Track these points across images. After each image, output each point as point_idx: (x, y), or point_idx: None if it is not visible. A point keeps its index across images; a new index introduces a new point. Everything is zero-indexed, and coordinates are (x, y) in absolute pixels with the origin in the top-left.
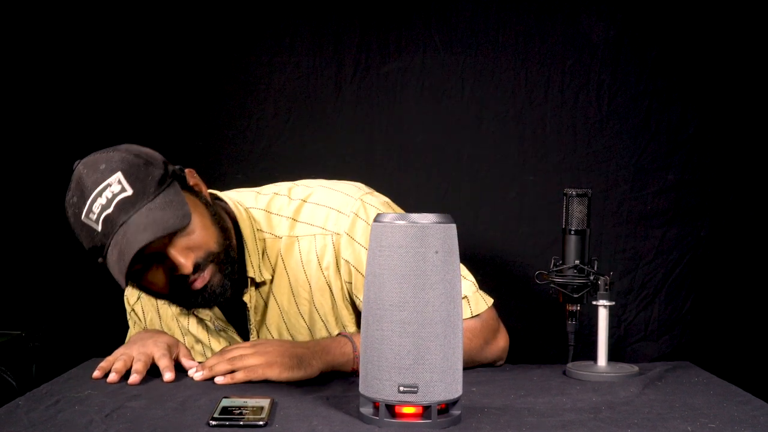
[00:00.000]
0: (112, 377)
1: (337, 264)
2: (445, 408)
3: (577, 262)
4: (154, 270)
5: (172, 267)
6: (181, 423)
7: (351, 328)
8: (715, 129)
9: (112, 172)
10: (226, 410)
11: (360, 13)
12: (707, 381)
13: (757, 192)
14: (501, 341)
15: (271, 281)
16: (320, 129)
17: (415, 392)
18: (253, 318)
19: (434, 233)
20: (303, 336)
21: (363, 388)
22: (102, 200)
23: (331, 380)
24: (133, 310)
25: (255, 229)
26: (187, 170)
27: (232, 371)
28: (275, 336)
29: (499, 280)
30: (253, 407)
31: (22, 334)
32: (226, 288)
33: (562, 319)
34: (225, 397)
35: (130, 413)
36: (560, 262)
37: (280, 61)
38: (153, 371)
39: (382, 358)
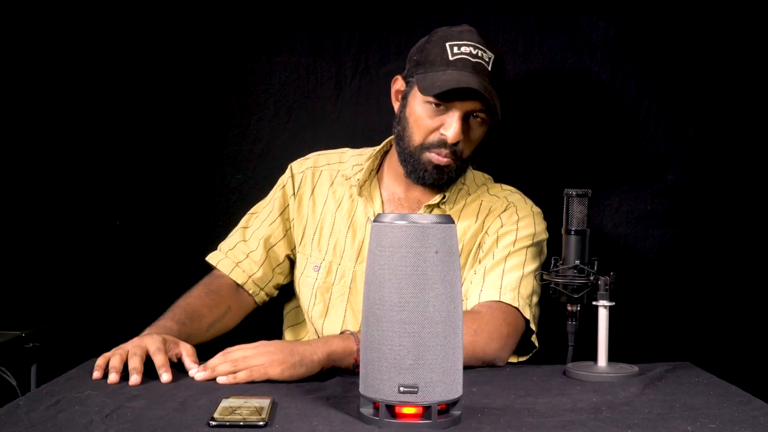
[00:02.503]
0: (112, 378)
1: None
2: (445, 408)
3: (578, 262)
4: (436, 114)
5: (444, 127)
6: (181, 423)
7: (468, 272)
8: (715, 129)
9: (492, 52)
10: (226, 410)
11: (360, 13)
12: (707, 381)
13: (757, 192)
14: (504, 340)
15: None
16: (320, 129)
17: (415, 392)
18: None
19: (434, 233)
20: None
21: (363, 388)
22: (472, 50)
23: (331, 380)
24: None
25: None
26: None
27: (234, 372)
28: None
29: None
30: (253, 407)
31: (22, 334)
32: (444, 178)
33: (562, 319)
34: (225, 397)
35: (130, 413)
36: (560, 262)
37: (280, 61)
38: (153, 373)
39: (382, 359)
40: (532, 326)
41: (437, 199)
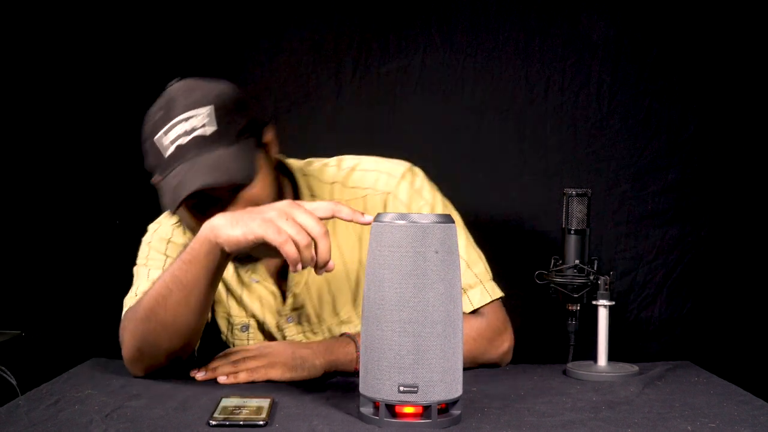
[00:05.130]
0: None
1: None
2: (445, 408)
3: (577, 261)
4: (209, 209)
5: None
6: (181, 423)
7: None
8: (715, 129)
9: (205, 104)
10: (226, 410)
11: (360, 12)
12: (707, 381)
13: (757, 192)
14: (505, 343)
15: None
16: (320, 129)
17: (415, 392)
18: (297, 276)
19: (434, 233)
20: (345, 297)
21: (363, 387)
22: (185, 126)
23: (331, 380)
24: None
25: (309, 195)
26: (267, 126)
27: (235, 372)
28: (314, 296)
29: (499, 280)
30: (253, 407)
31: (22, 334)
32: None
33: (562, 318)
34: (225, 397)
35: (130, 413)
36: (560, 261)
37: (280, 61)
38: (153, 373)
39: (382, 358)
40: (500, 293)
41: None
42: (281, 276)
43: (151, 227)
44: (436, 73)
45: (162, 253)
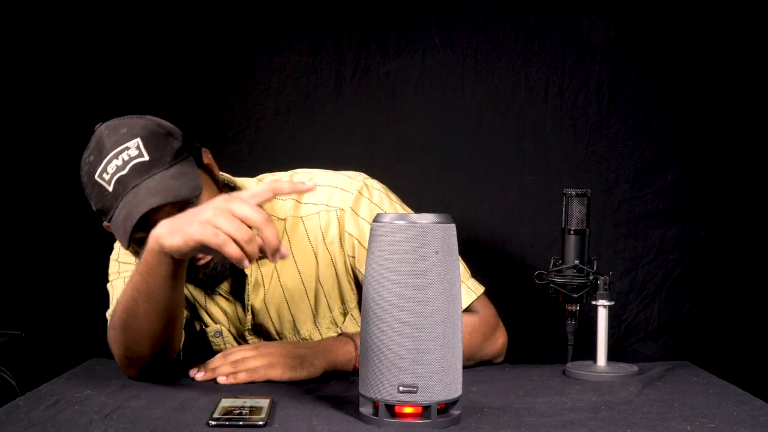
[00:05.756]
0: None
1: (341, 239)
2: (445, 408)
3: (577, 262)
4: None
5: None
6: (181, 423)
7: (352, 303)
8: (715, 129)
9: (133, 137)
10: (225, 410)
11: (360, 12)
12: (707, 381)
13: (757, 192)
14: (500, 338)
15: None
16: (320, 129)
17: (415, 392)
18: (252, 294)
19: (434, 233)
20: (304, 315)
21: (363, 388)
22: (118, 162)
23: (331, 380)
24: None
25: None
26: (203, 149)
27: (235, 373)
28: (273, 314)
29: (499, 280)
30: (252, 407)
31: (22, 334)
32: (226, 267)
33: (562, 319)
34: (225, 397)
35: (130, 413)
36: (560, 262)
37: (280, 61)
38: (153, 375)
39: (382, 358)
40: (482, 287)
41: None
42: (238, 291)
43: (117, 244)
44: (436, 73)
45: (133, 264)
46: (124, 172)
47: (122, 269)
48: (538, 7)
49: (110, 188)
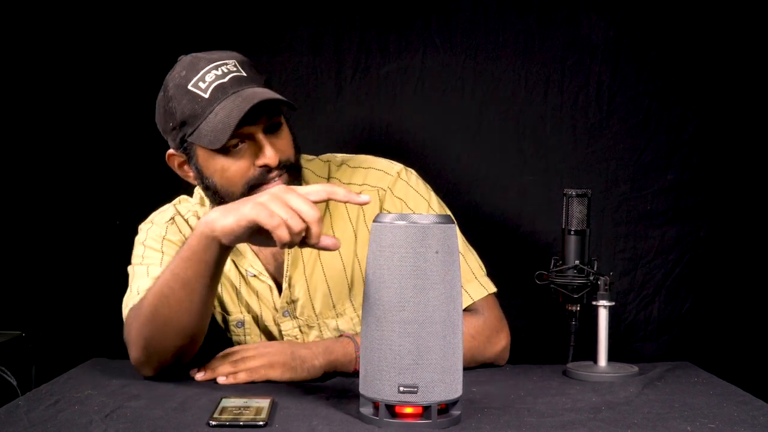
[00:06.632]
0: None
1: None
2: (445, 408)
3: (577, 262)
4: (239, 154)
5: (257, 159)
6: (181, 423)
7: None
8: (715, 129)
9: (229, 58)
10: (226, 410)
11: (360, 13)
12: (707, 381)
13: (756, 192)
14: (502, 341)
15: None
16: (320, 129)
17: (415, 392)
18: (291, 268)
19: (434, 233)
20: (341, 289)
21: (363, 388)
22: (218, 72)
23: (331, 380)
24: (165, 239)
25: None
26: None
27: (234, 373)
28: (312, 288)
29: (499, 280)
30: (253, 407)
31: (22, 334)
32: None
33: (562, 319)
34: (225, 397)
35: (130, 413)
36: (560, 262)
37: (280, 61)
38: (153, 375)
39: (382, 358)
40: (494, 288)
41: None
42: (277, 270)
43: (144, 226)
44: (436, 73)
45: (158, 251)
46: (224, 81)
47: (147, 254)
48: (538, 7)
49: (206, 95)
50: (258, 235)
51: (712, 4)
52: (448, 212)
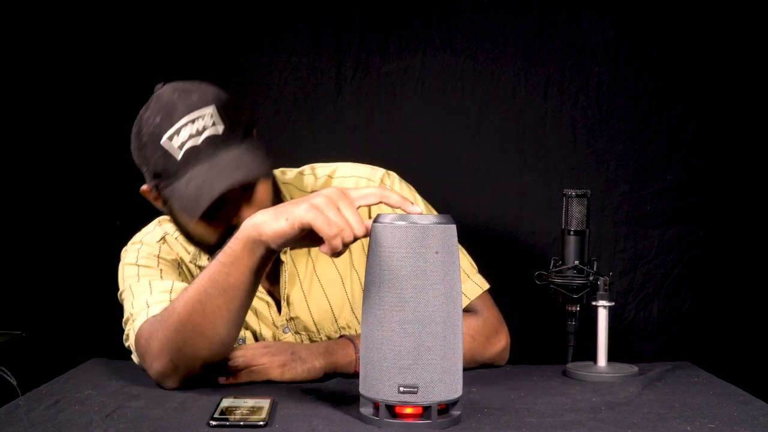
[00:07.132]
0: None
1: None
2: (445, 408)
3: (577, 262)
4: (217, 215)
5: (232, 216)
6: (181, 423)
7: None
8: (715, 129)
9: (206, 104)
10: (226, 410)
11: (360, 13)
12: (707, 381)
13: (756, 192)
14: (502, 340)
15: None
16: (320, 129)
17: (415, 392)
18: (288, 285)
19: (434, 233)
20: (341, 301)
21: (363, 388)
22: (192, 130)
23: (331, 380)
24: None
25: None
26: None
27: (234, 373)
28: (312, 304)
29: (498, 280)
30: (253, 407)
31: (22, 334)
32: None
33: (562, 319)
34: (225, 397)
35: (130, 413)
36: (560, 262)
37: (280, 61)
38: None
39: (382, 359)
40: (487, 284)
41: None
42: (273, 286)
43: (131, 248)
44: (436, 74)
45: (155, 268)
46: (199, 141)
47: (142, 273)
48: (538, 7)
49: (179, 156)
50: (304, 239)
51: (712, 4)
52: (434, 212)
